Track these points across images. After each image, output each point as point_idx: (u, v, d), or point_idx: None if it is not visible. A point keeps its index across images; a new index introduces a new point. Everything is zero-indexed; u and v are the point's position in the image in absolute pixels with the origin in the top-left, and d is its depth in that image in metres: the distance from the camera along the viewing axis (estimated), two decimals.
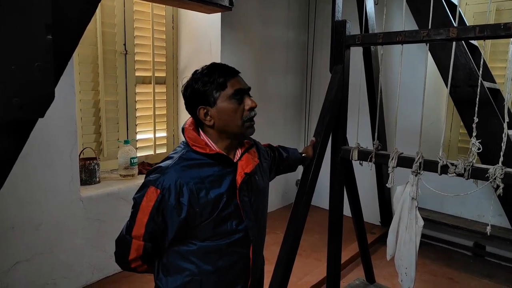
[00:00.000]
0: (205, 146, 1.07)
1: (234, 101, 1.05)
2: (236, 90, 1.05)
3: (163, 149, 3.18)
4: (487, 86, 2.06)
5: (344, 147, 1.82)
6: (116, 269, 2.54)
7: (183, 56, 3.19)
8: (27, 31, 0.83)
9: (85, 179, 2.47)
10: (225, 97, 1.05)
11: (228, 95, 1.05)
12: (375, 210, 3.38)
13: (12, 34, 0.83)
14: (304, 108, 4.01)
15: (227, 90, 1.05)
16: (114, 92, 2.78)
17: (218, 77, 1.05)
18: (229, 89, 1.05)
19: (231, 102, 1.05)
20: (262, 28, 3.41)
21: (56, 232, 2.22)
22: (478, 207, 2.95)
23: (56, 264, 2.23)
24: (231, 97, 1.05)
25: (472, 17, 3.01)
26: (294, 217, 1.72)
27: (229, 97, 1.05)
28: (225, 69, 1.08)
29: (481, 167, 1.33)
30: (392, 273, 2.61)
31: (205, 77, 1.05)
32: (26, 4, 0.83)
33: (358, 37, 1.67)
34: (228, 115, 1.05)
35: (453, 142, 3.16)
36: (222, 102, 1.05)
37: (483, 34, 1.28)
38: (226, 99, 1.05)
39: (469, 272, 2.74)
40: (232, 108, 1.05)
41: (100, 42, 2.62)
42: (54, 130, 2.15)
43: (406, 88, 2.64)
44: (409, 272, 1.56)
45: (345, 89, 1.83)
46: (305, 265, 2.70)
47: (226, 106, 1.05)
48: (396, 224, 1.59)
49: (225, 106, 1.05)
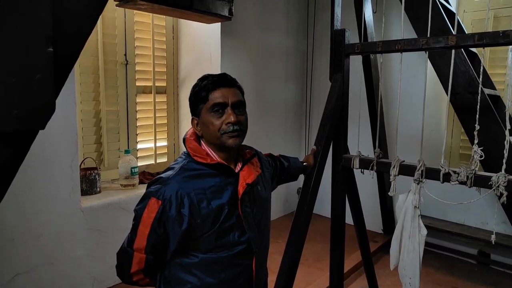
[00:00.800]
0: (206, 156, 1.06)
1: (213, 114, 1.05)
2: (214, 103, 1.05)
3: (163, 158, 3.18)
4: (487, 93, 2.06)
5: (345, 156, 1.81)
6: (117, 280, 2.51)
7: (183, 65, 3.21)
8: (27, 43, 0.83)
9: (86, 189, 2.46)
10: (206, 109, 1.06)
11: (207, 108, 1.06)
12: (377, 218, 3.36)
13: (12, 46, 0.83)
14: (304, 115, 4.02)
15: (207, 103, 1.06)
16: (115, 102, 2.79)
17: (201, 90, 1.07)
18: (209, 102, 1.06)
19: (210, 115, 1.06)
20: (262, 36, 3.43)
21: (56, 243, 2.20)
22: (481, 214, 2.93)
23: (56, 276, 2.21)
24: (210, 110, 1.06)
25: (471, 24, 3.03)
26: (296, 226, 1.71)
27: (208, 110, 1.06)
28: (213, 82, 1.07)
29: (484, 175, 1.32)
30: (396, 283, 2.58)
31: (195, 88, 1.09)
32: (26, 16, 0.84)
33: (357, 45, 1.67)
34: (207, 128, 1.07)
35: (454, 149, 3.16)
36: (204, 114, 1.07)
37: (482, 42, 1.28)
38: (206, 112, 1.06)
39: (473, 280, 2.70)
40: (210, 121, 1.06)
41: (101, 52, 2.63)
42: (55, 140, 2.15)
43: (406, 95, 2.64)
44: (413, 282, 1.54)
45: (345, 97, 1.83)
46: (308, 275, 2.67)
47: (206, 119, 1.06)
48: (399, 233, 1.57)
49: (205, 118, 1.07)
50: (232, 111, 1.05)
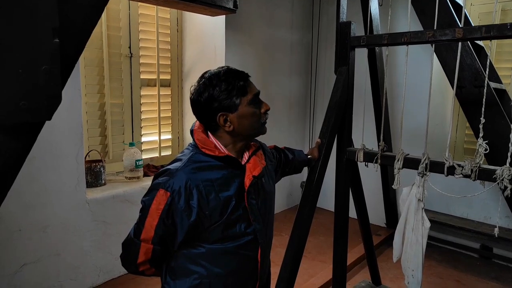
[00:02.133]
0: (214, 149, 1.07)
1: (253, 106, 1.08)
2: (254, 95, 1.08)
3: (168, 151, 3.19)
4: (493, 87, 2.05)
5: (350, 149, 1.81)
6: (122, 271, 2.55)
7: (187, 58, 3.21)
8: (33, 34, 0.84)
9: (91, 182, 2.48)
10: (246, 102, 1.06)
11: (248, 100, 1.06)
12: (380, 212, 3.36)
13: (19, 37, 0.84)
14: (308, 109, 4.01)
15: (248, 95, 1.06)
16: (119, 94, 2.79)
17: (238, 83, 1.05)
18: (249, 95, 1.07)
19: (251, 107, 1.07)
20: (266, 29, 3.41)
21: (62, 234, 2.23)
22: (484, 208, 2.92)
23: (62, 266, 2.24)
24: (251, 102, 1.07)
25: (478, 18, 2.99)
26: (300, 219, 1.71)
27: (249, 102, 1.07)
28: (241, 74, 1.08)
29: (489, 168, 1.32)
30: (398, 275, 2.59)
31: (223, 83, 1.04)
32: (33, 7, 0.84)
33: (363, 38, 1.66)
34: (248, 120, 1.07)
35: (459, 143, 3.14)
36: (243, 107, 1.06)
37: (489, 34, 1.27)
38: (247, 105, 1.06)
39: (476, 274, 2.71)
40: (253, 112, 1.08)
41: (106, 45, 2.64)
42: (60, 132, 2.17)
43: (411, 89, 2.62)
44: (415, 274, 1.54)
45: (350, 90, 1.82)
46: (311, 267, 2.69)
47: (247, 111, 1.07)
48: (403, 226, 1.58)
49: (246, 111, 1.07)
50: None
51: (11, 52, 0.81)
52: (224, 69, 1.07)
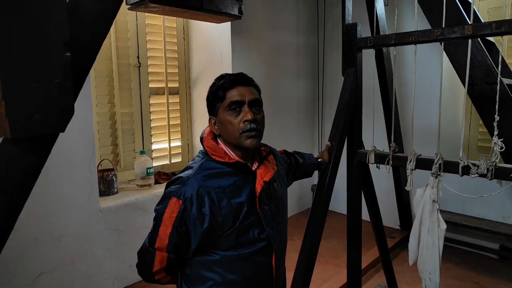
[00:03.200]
0: (224, 155, 1.07)
1: (230, 113, 1.05)
2: (231, 102, 1.05)
3: (178, 158, 3.21)
4: (506, 83, 2.01)
5: (360, 151, 1.79)
6: (137, 279, 2.56)
7: (195, 66, 3.23)
8: (46, 49, 0.86)
9: (104, 190, 2.51)
10: (223, 108, 1.06)
11: (225, 106, 1.06)
12: (393, 214, 3.31)
13: (32, 52, 0.86)
14: (317, 112, 3.99)
15: (225, 102, 1.06)
16: (129, 104, 2.83)
17: (218, 88, 1.07)
18: (226, 101, 1.05)
19: (228, 113, 1.05)
20: (272, 34, 3.42)
21: (76, 243, 2.25)
22: (502, 208, 2.86)
23: (77, 275, 2.27)
24: (227, 109, 1.05)
25: (487, 13, 2.95)
26: (312, 223, 1.70)
27: (225, 109, 1.06)
28: (230, 80, 1.07)
29: (505, 167, 1.29)
30: (415, 278, 2.54)
31: (212, 88, 1.09)
32: (45, 23, 0.86)
33: (369, 39, 1.65)
34: (226, 127, 1.06)
35: (472, 142, 3.08)
36: (221, 113, 1.07)
37: (500, 30, 1.25)
38: (224, 111, 1.06)
39: (496, 276, 2.64)
40: (228, 120, 1.05)
41: (115, 56, 2.68)
42: (73, 143, 2.20)
43: (420, 88, 2.59)
44: (433, 277, 1.51)
45: (358, 92, 1.81)
46: (324, 272, 2.66)
47: (224, 118, 1.06)
48: (418, 228, 1.55)
49: (223, 117, 1.06)
50: (249, 109, 1.05)
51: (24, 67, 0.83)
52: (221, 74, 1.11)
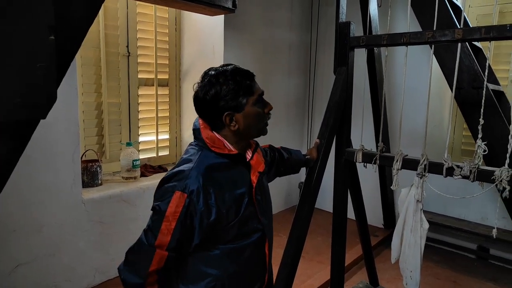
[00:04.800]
0: (223, 147, 1.06)
1: (258, 106, 1.07)
2: (259, 95, 1.07)
3: (165, 151, 3.18)
4: (491, 88, 2.05)
5: (349, 149, 1.80)
6: None
7: (186, 58, 3.19)
8: (29, 31, 0.82)
9: (87, 182, 2.46)
10: (252, 102, 1.05)
11: (254, 100, 1.05)
12: (378, 213, 3.36)
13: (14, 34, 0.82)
14: (307, 109, 4.00)
15: (253, 96, 1.05)
16: (116, 94, 2.78)
17: (245, 82, 1.04)
18: (255, 95, 1.06)
19: (256, 107, 1.07)
20: (265, 30, 3.40)
21: (58, 234, 2.21)
22: (481, 209, 2.93)
23: (58, 267, 2.22)
24: (256, 102, 1.06)
25: (475, 20, 3.00)
26: (298, 220, 1.70)
27: (254, 103, 1.06)
28: (248, 74, 1.07)
29: (487, 169, 1.32)
30: (396, 276, 2.59)
31: (231, 82, 1.02)
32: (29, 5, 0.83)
33: (362, 38, 1.66)
34: (253, 120, 1.07)
35: (456, 145, 3.14)
36: (249, 107, 1.05)
37: (489, 35, 1.27)
38: (252, 105, 1.05)
39: (472, 275, 2.71)
40: (258, 112, 1.07)
41: (103, 44, 2.62)
42: (56, 132, 2.15)
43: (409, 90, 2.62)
44: (414, 275, 1.54)
45: (349, 91, 1.82)
46: (308, 268, 2.68)
47: (253, 112, 1.06)
48: (401, 227, 1.57)
49: (252, 111, 1.06)
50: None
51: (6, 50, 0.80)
52: (231, 67, 1.06)
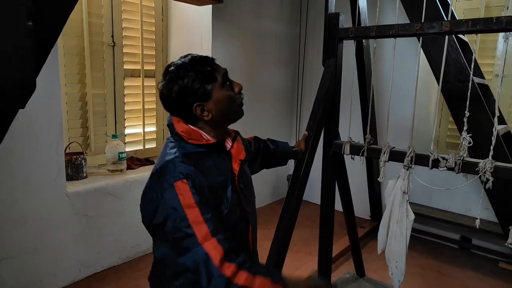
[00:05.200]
0: (201, 138, 1.03)
1: (227, 88, 1.04)
2: (223, 76, 1.04)
3: (152, 143, 3.13)
4: (477, 82, 2.08)
5: (336, 141, 1.81)
6: (105, 266, 2.50)
7: (173, 48, 3.14)
8: (6, 16, 0.78)
9: (72, 175, 2.41)
10: (218, 86, 1.02)
11: (220, 84, 1.03)
12: (365, 205, 3.40)
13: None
14: (295, 102, 4.00)
15: (217, 80, 1.02)
16: (101, 85, 2.71)
17: (205, 69, 1.01)
18: (219, 78, 1.02)
19: (224, 90, 1.04)
20: (254, 21, 3.37)
21: (41, 228, 2.16)
22: (465, 201, 3.00)
23: (42, 262, 2.18)
24: (222, 85, 1.03)
25: (462, 13, 3.03)
26: (286, 212, 1.71)
27: (221, 86, 1.03)
28: (206, 60, 1.04)
29: (472, 161, 1.34)
30: (382, 267, 2.63)
31: (191, 73, 0.99)
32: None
33: (351, 30, 1.65)
34: (225, 104, 1.04)
35: (441, 138, 3.19)
36: (218, 92, 1.02)
37: (475, 28, 1.28)
38: (219, 89, 1.03)
39: (455, 264, 2.78)
40: (227, 95, 1.04)
41: (87, 33, 2.54)
42: (39, 124, 2.09)
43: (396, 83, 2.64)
44: (399, 265, 1.56)
45: (337, 83, 1.81)
46: (296, 260, 2.70)
47: (222, 96, 1.03)
48: (387, 219, 1.59)
49: (221, 96, 1.03)
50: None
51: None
52: (189, 58, 1.03)
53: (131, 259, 2.63)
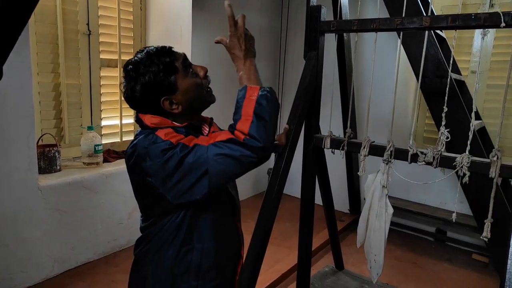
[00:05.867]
0: (172, 124, 1.00)
1: (191, 75, 1.00)
2: (183, 63, 0.99)
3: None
4: (454, 78, 2.12)
5: (317, 135, 1.81)
6: (79, 261, 2.42)
7: (151, 39, 3.05)
8: None
9: (44, 167, 2.32)
10: (182, 76, 0.98)
11: (183, 73, 0.99)
12: (344, 198, 3.45)
13: None
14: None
15: (179, 68, 0.98)
16: (76, 75, 2.61)
17: (164, 60, 0.96)
18: (179, 66, 0.98)
19: (189, 77, 1.00)
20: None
21: (12, 224, 2.07)
22: (441, 195, 3.08)
23: (12, 258, 2.09)
24: (186, 73, 0.99)
25: (440, 10, 3.08)
26: (266, 206, 1.69)
27: (184, 75, 0.99)
28: (163, 51, 0.99)
29: (449, 156, 1.36)
30: (360, 260, 2.68)
31: (151, 68, 0.95)
32: None
33: (333, 23, 1.64)
34: (193, 92, 1.00)
35: (418, 132, 3.26)
36: (182, 81, 0.98)
37: (455, 23, 1.29)
38: (185, 78, 0.99)
39: (431, 256, 2.87)
40: (193, 82, 1.01)
41: (60, 20, 2.43)
42: (9, 114, 1.99)
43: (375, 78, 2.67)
44: (378, 259, 1.59)
45: (319, 76, 1.80)
46: (276, 253, 2.71)
47: (188, 84, 0.99)
48: (367, 212, 1.60)
49: (186, 84, 0.99)
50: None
51: None
52: (145, 52, 0.98)
53: (107, 254, 2.56)
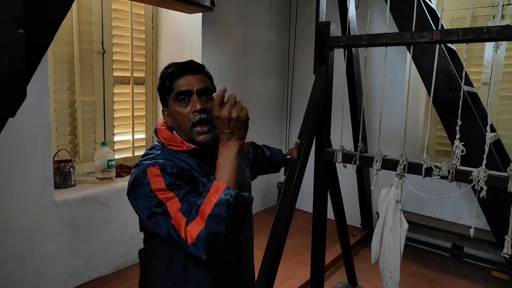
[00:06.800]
0: (181, 144, 1.01)
1: (179, 104, 1.00)
2: (178, 92, 1.00)
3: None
4: (466, 90, 2.11)
5: (328, 150, 1.81)
6: (93, 276, 2.43)
7: (163, 56, 3.12)
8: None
9: (60, 183, 2.36)
10: (172, 99, 1.01)
11: (173, 97, 1.01)
12: (355, 212, 3.40)
13: None
14: (285, 110, 4.01)
15: (172, 93, 1.01)
16: (91, 92, 2.67)
17: (165, 79, 1.02)
18: (174, 92, 1.01)
19: (176, 105, 1.01)
20: (244, 29, 3.38)
21: (27, 238, 2.10)
22: (456, 209, 3.02)
23: (27, 272, 2.11)
24: (175, 100, 1.01)
25: (449, 23, 3.09)
26: (278, 221, 1.69)
27: (174, 100, 1.01)
28: (178, 69, 1.01)
29: (465, 170, 1.34)
30: (374, 276, 2.63)
31: (160, 79, 1.05)
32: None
33: (342, 38, 1.66)
34: (176, 119, 1.01)
35: (431, 145, 3.23)
36: (171, 104, 1.02)
37: (466, 37, 1.29)
38: (173, 102, 1.01)
39: (447, 273, 2.79)
40: (177, 111, 1.00)
41: (77, 40, 2.51)
42: (27, 131, 2.04)
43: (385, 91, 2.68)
44: (393, 275, 1.56)
45: (329, 91, 1.82)
46: (287, 269, 2.67)
47: (174, 109, 1.01)
48: (381, 227, 1.58)
49: (173, 109, 1.02)
50: (198, 98, 0.99)
51: None
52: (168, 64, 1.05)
53: (120, 268, 2.57)
